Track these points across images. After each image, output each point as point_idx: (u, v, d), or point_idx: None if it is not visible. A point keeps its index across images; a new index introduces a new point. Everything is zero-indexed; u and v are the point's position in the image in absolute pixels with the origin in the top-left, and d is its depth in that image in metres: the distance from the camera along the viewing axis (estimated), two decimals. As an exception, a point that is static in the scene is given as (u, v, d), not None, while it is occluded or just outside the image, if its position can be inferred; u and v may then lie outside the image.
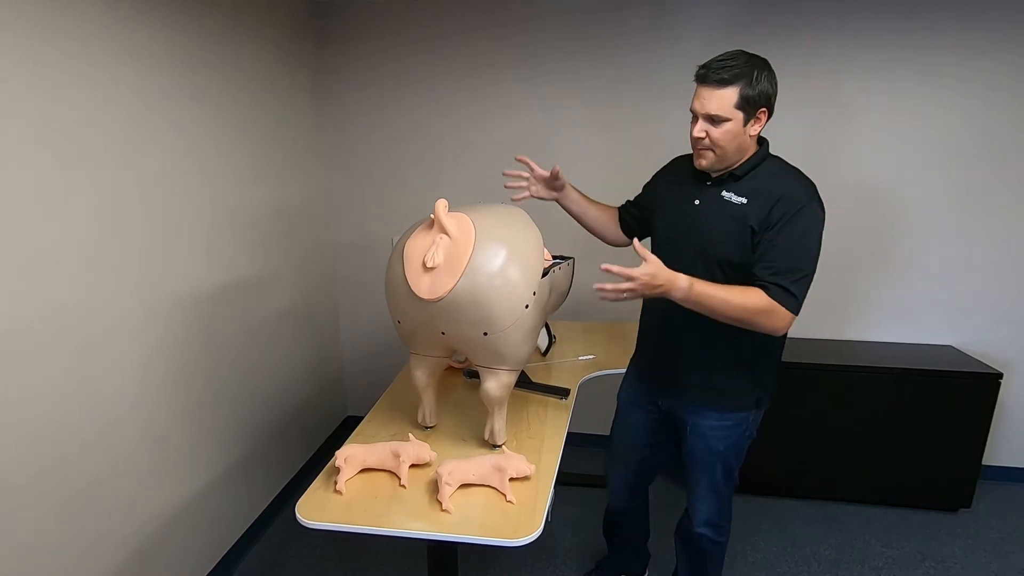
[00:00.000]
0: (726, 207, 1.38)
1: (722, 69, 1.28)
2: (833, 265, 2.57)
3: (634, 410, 1.72)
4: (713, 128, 1.32)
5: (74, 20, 1.43)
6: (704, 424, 1.52)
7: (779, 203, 1.31)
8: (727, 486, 1.60)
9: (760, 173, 1.38)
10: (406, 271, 1.34)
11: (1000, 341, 2.53)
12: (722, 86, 1.28)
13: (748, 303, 1.28)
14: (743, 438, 1.54)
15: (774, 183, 1.35)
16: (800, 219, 1.31)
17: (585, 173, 2.50)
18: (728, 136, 1.32)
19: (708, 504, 1.61)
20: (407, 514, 1.26)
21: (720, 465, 1.56)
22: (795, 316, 1.31)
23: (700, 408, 1.52)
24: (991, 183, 2.40)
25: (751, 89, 1.28)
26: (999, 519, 2.43)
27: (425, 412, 1.59)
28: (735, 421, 1.51)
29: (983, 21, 2.25)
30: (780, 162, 1.41)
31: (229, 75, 2.06)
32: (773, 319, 1.29)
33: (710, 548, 1.68)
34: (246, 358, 2.21)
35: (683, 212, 1.46)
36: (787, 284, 1.29)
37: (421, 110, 2.69)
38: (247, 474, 2.24)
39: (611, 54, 2.49)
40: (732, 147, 1.34)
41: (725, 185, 1.40)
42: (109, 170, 1.56)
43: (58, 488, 1.45)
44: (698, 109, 1.33)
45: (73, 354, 1.47)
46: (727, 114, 1.30)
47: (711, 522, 1.63)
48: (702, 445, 1.54)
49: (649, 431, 1.70)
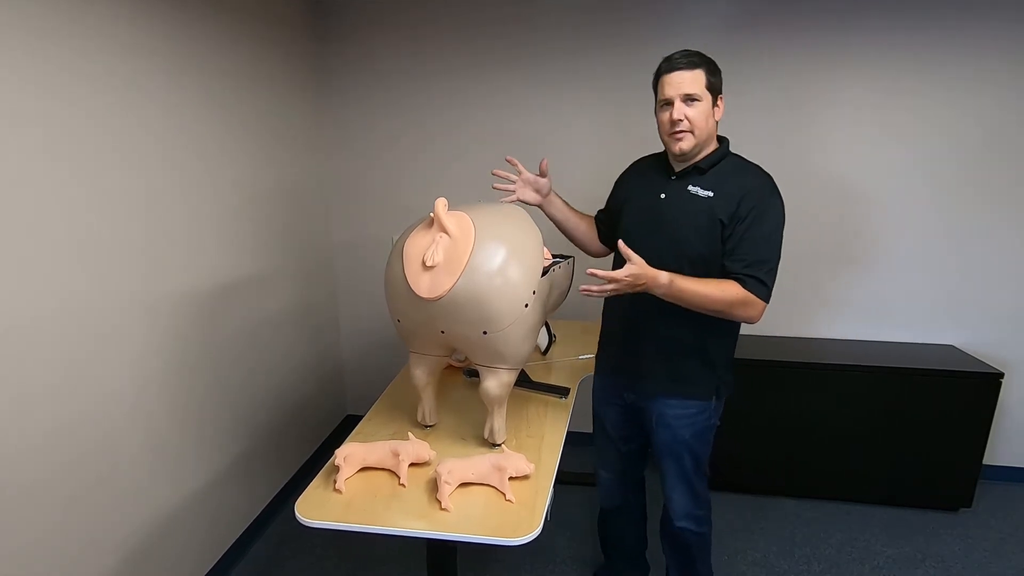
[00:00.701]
0: (693, 201, 1.45)
1: (686, 56, 1.40)
2: (832, 265, 2.57)
3: (605, 407, 1.77)
4: (689, 109, 1.40)
5: (73, 17, 1.43)
6: (669, 414, 1.58)
7: (746, 198, 1.40)
8: (698, 476, 1.65)
9: (723, 168, 1.46)
10: (405, 270, 1.33)
11: (1002, 341, 2.53)
12: (692, 68, 1.39)
13: (725, 296, 1.37)
14: (708, 427, 1.60)
15: (738, 178, 1.44)
16: (767, 213, 1.41)
17: (584, 172, 2.50)
18: (702, 116, 1.41)
19: (682, 495, 1.65)
20: (406, 513, 1.26)
21: (688, 455, 1.61)
22: (766, 304, 1.41)
23: (663, 397, 1.58)
24: (994, 182, 2.39)
25: (712, 76, 1.41)
26: (1000, 519, 2.42)
27: (425, 411, 1.59)
28: (697, 409, 1.57)
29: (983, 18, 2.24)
30: (740, 158, 1.50)
31: (230, 74, 2.06)
32: (749, 309, 1.39)
33: (693, 541, 1.71)
34: (246, 357, 2.21)
35: (650, 206, 1.52)
36: (760, 276, 1.38)
37: (421, 109, 2.68)
38: (247, 472, 2.24)
39: (612, 54, 2.48)
40: (706, 129, 1.42)
41: (690, 179, 1.47)
42: (108, 169, 1.55)
43: (59, 487, 1.45)
44: (673, 93, 1.41)
45: (74, 354, 1.47)
46: (700, 93, 1.40)
47: (690, 514, 1.67)
48: (668, 435, 1.60)
49: (621, 425, 1.75)
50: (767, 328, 2.68)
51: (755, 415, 2.44)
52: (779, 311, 2.65)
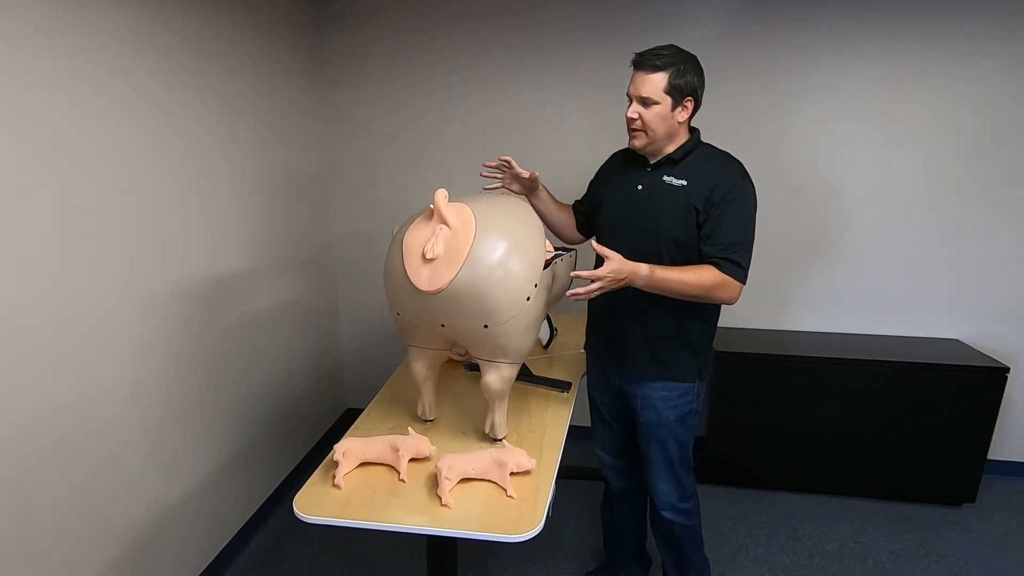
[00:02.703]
0: (668, 190, 1.50)
1: (654, 57, 1.43)
2: (838, 259, 2.55)
3: (598, 392, 1.80)
4: (644, 110, 1.45)
5: (71, 9, 1.40)
6: (654, 396, 1.62)
7: (719, 185, 1.45)
8: (683, 464, 1.68)
9: (695, 158, 1.51)
10: (405, 262, 1.31)
11: (1007, 335, 2.51)
12: (653, 71, 1.42)
13: (704, 280, 1.42)
14: (690, 411, 1.64)
15: (709, 166, 1.50)
16: (738, 197, 1.46)
17: (585, 165, 2.45)
18: (657, 119, 1.45)
19: (667, 483, 1.69)
20: (406, 509, 1.25)
21: (672, 440, 1.64)
22: (744, 285, 1.46)
23: (648, 381, 1.62)
24: (999, 175, 2.37)
25: (678, 78, 1.42)
26: (1004, 514, 2.41)
27: (425, 405, 1.57)
28: (681, 391, 1.61)
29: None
30: (712, 148, 1.55)
31: (228, 66, 2.03)
32: (727, 291, 1.45)
33: (681, 533, 1.74)
34: (245, 350, 2.19)
35: (629, 198, 1.57)
36: (735, 258, 1.44)
37: (421, 101, 2.66)
38: (246, 466, 2.23)
39: (615, 48, 2.44)
40: (662, 130, 1.46)
41: (664, 170, 1.52)
42: (104, 162, 1.53)
43: (56, 481, 1.43)
44: (632, 92, 1.46)
45: (70, 346, 1.45)
46: (657, 97, 1.43)
47: (674, 506, 1.70)
48: (654, 417, 1.63)
49: (613, 408, 1.78)
50: (772, 322, 2.66)
51: (758, 409, 2.43)
52: (784, 305, 2.64)
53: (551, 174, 1.94)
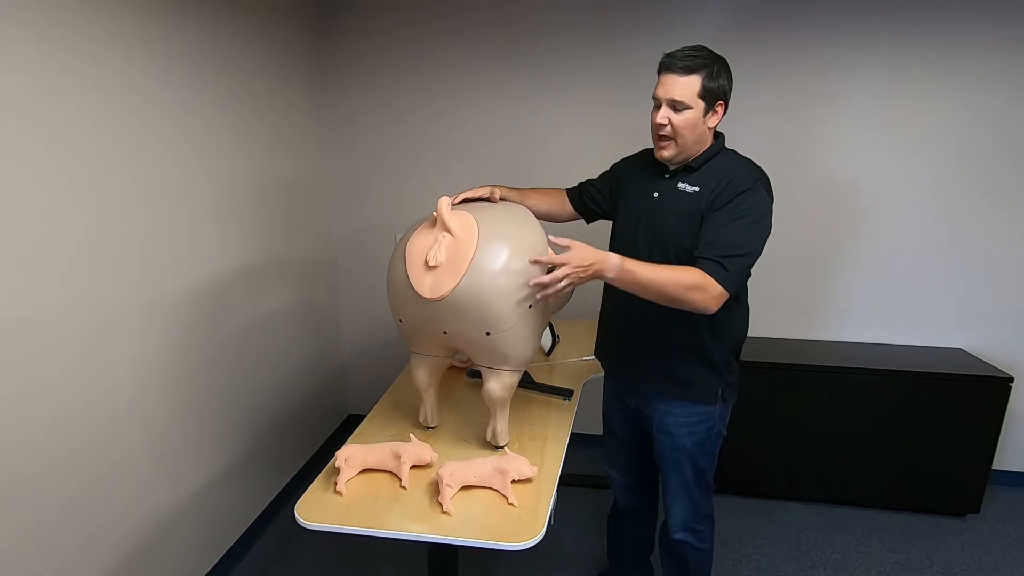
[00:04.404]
0: (682, 198, 1.41)
1: (686, 58, 1.32)
2: (840, 267, 2.55)
3: (612, 410, 1.74)
4: (675, 115, 1.35)
5: (74, 13, 1.42)
6: (669, 420, 1.53)
7: (727, 187, 1.35)
8: (699, 488, 1.59)
9: (713, 163, 1.41)
10: (408, 270, 1.32)
11: (1011, 344, 2.50)
12: (686, 73, 1.32)
13: (680, 279, 1.28)
14: (710, 436, 1.54)
15: (724, 170, 1.39)
16: (742, 200, 1.34)
17: (586, 169, 2.47)
18: (688, 125, 1.35)
19: (682, 507, 1.61)
20: (407, 516, 1.25)
21: (689, 465, 1.55)
22: (727, 294, 1.30)
23: (664, 403, 1.52)
24: (1004, 184, 2.36)
25: (712, 81, 1.33)
26: (1008, 525, 2.39)
27: (426, 412, 1.57)
28: (700, 416, 1.51)
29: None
30: (735, 154, 1.45)
31: (233, 71, 2.04)
32: (704, 295, 1.28)
33: (691, 555, 1.66)
34: (247, 355, 2.20)
35: (643, 204, 1.49)
36: (721, 259, 1.30)
37: (424, 106, 2.67)
38: (248, 472, 2.23)
39: (616, 52, 2.46)
40: (692, 137, 1.37)
41: (680, 177, 1.44)
42: (109, 166, 1.54)
43: (60, 485, 1.44)
44: (662, 95, 1.35)
45: (74, 351, 1.46)
46: (690, 101, 1.33)
47: (687, 527, 1.62)
48: (669, 443, 1.54)
49: (626, 428, 1.71)
50: (774, 330, 2.66)
51: (761, 418, 2.42)
52: (787, 313, 2.64)
53: (549, 181, 1.94)
